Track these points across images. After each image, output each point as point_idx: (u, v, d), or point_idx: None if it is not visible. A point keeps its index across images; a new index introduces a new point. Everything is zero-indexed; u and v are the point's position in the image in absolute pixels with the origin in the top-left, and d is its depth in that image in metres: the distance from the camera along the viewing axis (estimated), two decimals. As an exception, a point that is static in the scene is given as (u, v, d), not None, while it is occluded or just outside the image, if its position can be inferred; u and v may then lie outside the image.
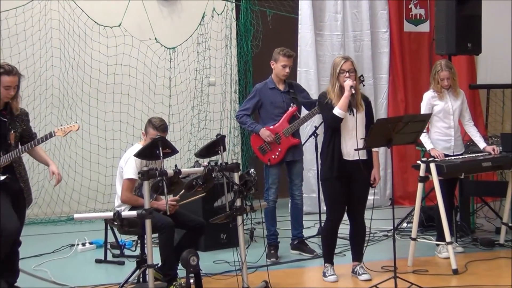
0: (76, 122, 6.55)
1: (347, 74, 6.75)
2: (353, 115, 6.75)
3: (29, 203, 6.50)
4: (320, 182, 7.21)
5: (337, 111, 6.67)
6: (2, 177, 6.11)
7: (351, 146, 6.76)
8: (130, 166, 6.83)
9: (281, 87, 7.97)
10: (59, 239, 8.89)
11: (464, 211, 8.82)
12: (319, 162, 7.24)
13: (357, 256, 7.13)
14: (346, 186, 6.84)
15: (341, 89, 6.75)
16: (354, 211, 7.02)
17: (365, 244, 7.21)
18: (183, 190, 6.86)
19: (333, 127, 6.78)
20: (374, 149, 6.91)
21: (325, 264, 7.09)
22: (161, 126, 6.91)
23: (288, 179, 8.11)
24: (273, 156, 7.86)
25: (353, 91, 6.74)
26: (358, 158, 6.71)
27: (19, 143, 6.33)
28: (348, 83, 6.70)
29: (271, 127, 7.87)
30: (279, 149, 7.86)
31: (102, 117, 10.69)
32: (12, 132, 6.21)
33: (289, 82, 8.12)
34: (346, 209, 7.02)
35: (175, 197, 6.91)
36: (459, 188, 8.52)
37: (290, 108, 7.90)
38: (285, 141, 7.87)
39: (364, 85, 7.85)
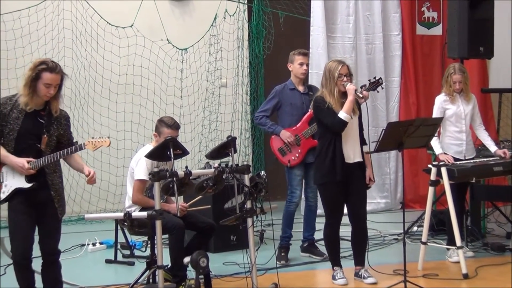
0: (108, 137, 5.96)
1: (345, 78, 6.75)
2: (351, 118, 6.75)
3: (61, 214, 5.88)
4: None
5: (343, 115, 6.65)
6: (28, 185, 5.67)
7: (351, 149, 6.81)
8: (141, 167, 6.84)
9: (300, 88, 7.97)
10: (70, 238, 8.89)
11: (475, 216, 8.78)
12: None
13: (359, 259, 7.08)
14: (344, 189, 6.85)
15: (341, 93, 6.76)
16: (356, 214, 6.99)
17: (367, 248, 7.14)
18: (195, 199, 6.93)
19: (338, 132, 6.77)
20: (367, 150, 6.97)
21: (334, 268, 7.07)
22: (174, 124, 6.96)
23: (304, 180, 8.09)
24: (293, 158, 7.85)
25: (361, 95, 6.75)
26: (357, 160, 6.83)
27: (54, 148, 5.78)
28: (351, 87, 6.69)
29: (293, 128, 7.88)
30: (299, 151, 7.86)
31: (114, 118, 10.71)
32: (45, 136, 5.68)
33: (309, 85, 8.16)
34: (347, 213, 7.02)
35: (184, 204, 6.97)
36: (470, 192, 8.48)
37: (309, 110, 7.89)
38: (305, 142, 7.86)
39: (382, 88, 7.81)
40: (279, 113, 8.04)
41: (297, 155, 7.87)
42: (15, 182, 5.69)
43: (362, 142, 6.95)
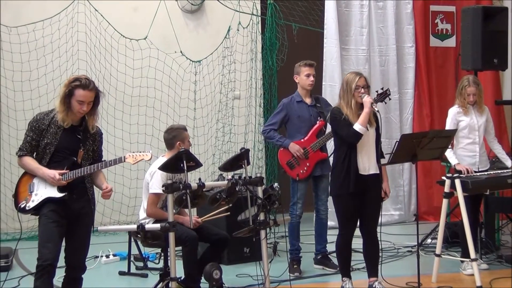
0: (150, 151, 6.09)
1: (362, 90, 6.74)
2: (367, 130, 6.73)
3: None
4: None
5: (358, 127, 6.62)
6: (60, 194, 5.75)
7: (367, 161, 6.76)
8: (155, 180, 6.86)
9: (307, 100, 7.96)
10: (83, 250, 8.91)
11: (489, 228, 8.75)
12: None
13: (372, 271, 7.04)
14: (358, 201, 6.81)
15: (358, 105, 6.73)
16: (367, 227, 6.94)
17: (380, 260, 7.10)
18: (212, 216, 6.93)
19: (352, 143, 6.74)
20: (382, 163, 6.92)
21: (343, 278, 7.03)
22: (184, 126, 7.29)
23: (314, 194, 8.07)
24: (301, 171, 7.83)
25: (375, 108, 6.71)
26: (372, 172, 6.77)
27: (90, 162, 5.92)
28: (368, 99, 6.67)
29: (301, 141, 7.86)
30: (308, 164, 7.84)
31: (127, 130, 10.74)
32: (82, 150, 5.83)
33: (315, 96, 8.12)
34: (358, 224, 6.98)
35: (198, 219, 6.99)
36: (484, 204, 8.45)
37: (317, 122, 7.88)
38: (313, 155, 7.85)
39: (390, 99, 7.78)
40: (287, 126, 8.01)
41: (305, 168, 7.85)
42: (46, 192, 5.77)
43: (380, 155, 6.90)
